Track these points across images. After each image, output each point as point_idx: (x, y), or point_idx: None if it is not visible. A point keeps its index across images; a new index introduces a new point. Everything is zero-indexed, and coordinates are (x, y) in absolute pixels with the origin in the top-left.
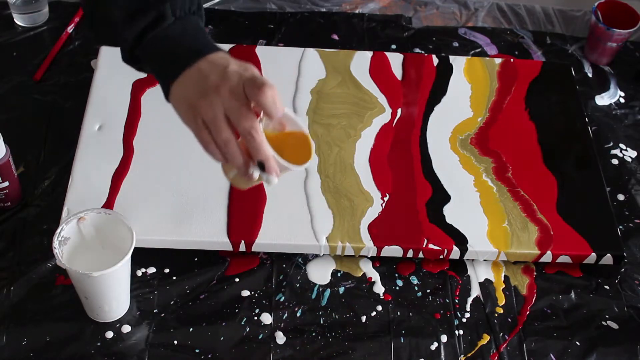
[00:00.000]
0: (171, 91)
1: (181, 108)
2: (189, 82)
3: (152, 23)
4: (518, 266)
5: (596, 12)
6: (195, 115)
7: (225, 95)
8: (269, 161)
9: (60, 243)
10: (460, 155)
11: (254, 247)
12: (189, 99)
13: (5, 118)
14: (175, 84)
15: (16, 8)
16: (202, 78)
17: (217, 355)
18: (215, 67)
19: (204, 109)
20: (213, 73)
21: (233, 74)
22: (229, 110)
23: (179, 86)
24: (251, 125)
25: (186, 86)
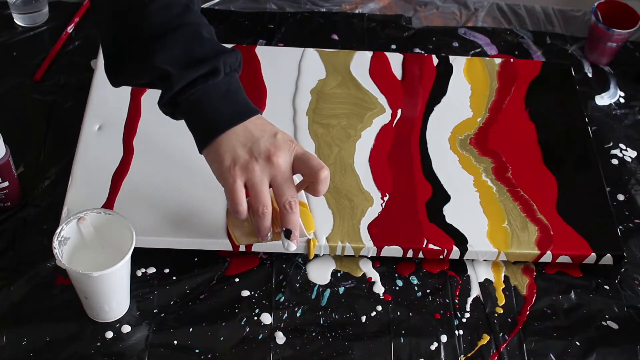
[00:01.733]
0: (214, 143)
1: (224, 162)
2: (236, 139)
3: (204, 75)
4: (518, 266)
5: (596, 12)
6: (240, 174)
7: (275, 165)
8: (296, 231)
9: (60, 243)
10: (460, 155)
11: (254, 247)
12: (237, 157)
13: (5, 118)
14: (221, 139)
15: (16, 8)
16: (252, 139)
17: (217, 355)
18: (264, 131)
19: (252, 172)
20: (263, 138)
21: (283, 144)
22: (275, 180)
23: (225, 141)
24: (292, 197)
25: (233, 143)
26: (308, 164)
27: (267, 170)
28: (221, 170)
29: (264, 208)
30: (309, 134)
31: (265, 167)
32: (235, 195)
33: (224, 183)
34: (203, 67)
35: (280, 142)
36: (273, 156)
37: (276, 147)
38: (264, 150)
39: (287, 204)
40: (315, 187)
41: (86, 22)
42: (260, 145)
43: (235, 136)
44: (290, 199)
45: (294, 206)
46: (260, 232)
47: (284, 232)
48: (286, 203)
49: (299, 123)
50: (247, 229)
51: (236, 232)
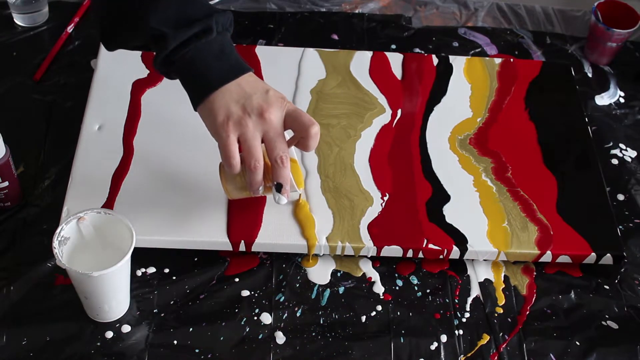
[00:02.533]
0: (208, 100)
1: (217, 118)
2: (229, 96)
3: (197, 34)
4: (518, 266)
5: (596, 12)
6: (234, 130)
7: (267, 120)
8: (287, 185)
9: (60, 243)
10: (460, 155)
11: (253, 247)
12: (231, 113)
13: (5, 118)
14: (215, 95)
15: (16, 8)
16: (245, 96)
17: (217, 355)
18: (257, 88)
19: (245, 127)
20: (256, 94)
21: (275, 100)
22: (267, 135)
23: (219, 97)
24: (284, 152)
25: (226, 99)
26: (299, 120)
27: (260, 125)
28: (215, 126)
29: (257, 162)
30: None
31: (258, 123)
32: (229, 149)
33: (218, 138)
34: (196, 26)
35: (272, 98)
36: (265, 112)
37: (268, 104)
38: (257, 106)
39: (279, 159)
40: (306, 143)
41: (86, 22)
42: (253, 102)
43: (228, 93)
44: (282, 153)
45: (285, 161)
46: (252, 186)
47: (275, 186)
48: (278, 158)
49: None
50: (240, 184)
51: (229, 187)
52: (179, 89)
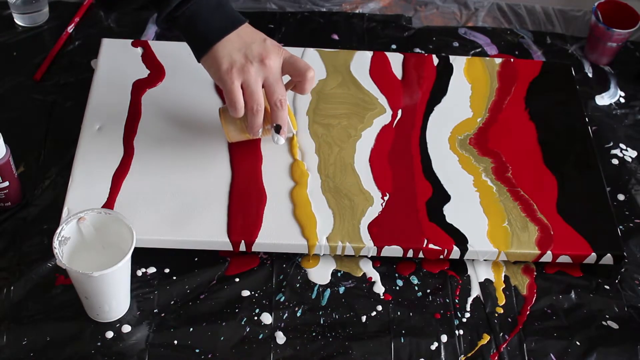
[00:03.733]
0: (211, 51)
1: (222, 66)
2: (231, 45)
3: None
4: (518, 266)
5: (596, 12)
6: (237, 76)
7: (267, 67)
8: (285, 126)
9: (60, 243)
10: (460, 155)
11: (254, 247)
12: (234, 61)
13: (5, 118)
14: (218, 46)
15: (16, 8)
16: (245, 45)
17: (217, 355)
18: (255, 36)
19: (247, 74)
20: (255, 43)
21: (273, 48)
22: (267, 80)
23: (222, 47)
24: (283, 96)
25: (229, 49)
26: (296, 66)
27: (261, 72)
28: (220, 74)
29: (259, 106)
30: (309, 134)
31: (259, 69)
32: (235, 95)
33: (223, 85)
34: None
35: (270, 46)
36: (266, 59)
37: (267, 51)
38: (257, 54)
39: (278, 102)
40: (302, 86)
41: (86, 22)
42: (254, 50)
43: (229, 43)
44: (281, 97)
45: (284, 104)
46: (252, 128)
47: (274, 128)
48: (277, 101)
49: (299, 123)
50: (240, 126)
51: (230, 130)
52: (179, 89)
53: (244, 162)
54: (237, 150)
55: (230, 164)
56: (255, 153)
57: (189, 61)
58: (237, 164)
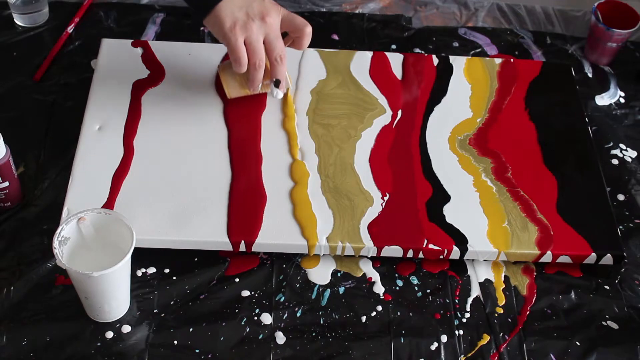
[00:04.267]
0: (214, 10)
1: (225, 24)
2: (232, 4)
3: None
4: (518, 266)
5: (596, 12)
6: (240, 33)
7: (268, 24)
8: (284, 81)
9: (60, 243)
10: (459, 156)
11: (254, 247)
12: (236, 19)
13: (5, 118)
14: (220, 5)
15: (16, 8)
16: (246, 3)
17: (217, 355)
18: None
19: (250, 31)
20: (255, 1)
21: (272, 6)
22: (268, 37)
23: (224, 6)
24: (282, 51)
25: (231, 7)
26: (294, 22)
27: (262, 28)
28: (223, 31)
29: (260, 61)
30: (309, 134)
31: (261, 26)
32: (239, 51)
33: (227, 42)
34: None
35: (270, 5)
36: (266, 16)
37: (267, 9)
38: (258, 12)
39: (278, 57)
40: (301, 41)
41: (86, 22)
42: (254, 8)
43: (231, 2)
44: (281, 52)
45: (284, 59)
46: (253, 82)
47: (274, 82)
48: (277, 56)
49: (299, 123)
50: (238, 82)
51: (230, 86)
52: (179, 89)
53: (244, 162)
54: (238, 150)
55: (230, 164)
56: (256, 153)
57: (189, 61)
58: (237, 164)
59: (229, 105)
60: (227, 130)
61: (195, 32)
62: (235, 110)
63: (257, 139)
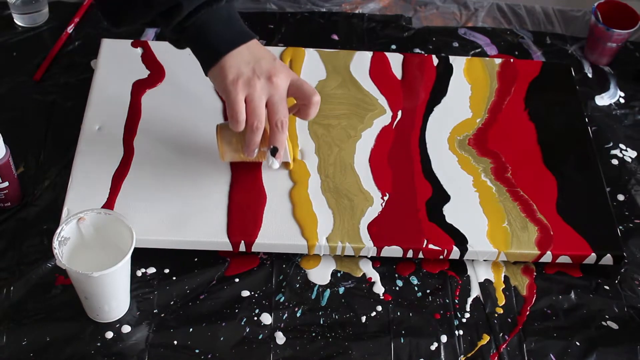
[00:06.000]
0: (219, 63)
1: (228, 77)
2: (240, 58)
3: (208, 2)
4: (518, 266)
5: (596, 13)
6: (242, 89)
7: (274, 85)
8: (282, 150)
9: (60, 243)
10: (459, 156)
11: (254, 247)
12: (241, 73)
13: (5, 118)
14: (227, 58)
15: (16, 8)
16: (255, 59)
17: (217, 355)
18: (265, 53)
19: (253, 88)
20: (264, 59)
21: (282, 68)
22: (272, 99)
23: (230, 59)
24: (285, 117)
25: (238, 61)
26: (302, 89)
27: (267, 88)
28: (225, 84)
29: (259, 123)
30: (309, 134)
31: (265, 86)
32: (237, 106)
33: (227, 95)
34: None
35: (280, 65)
36: (274, 76)
37: (277, 69)
38: (266, 70)
39: (280, 123)
40: (307, 111)
41: (86, 22)
42: (262, 65)
43: (239, 55)
44: (283, 118)
45: (285, 126)
46: (249, 146)
47: (271, 150)
48: (278, 122)
49: (299, 123)
50: (235, 146)
51: (225, 148)
52: (179, 89)
53: (244, 162)
54: None
55: (230, 164)
56: None
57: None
58: (237, 164)
59: None
60: None
61: None
62: None
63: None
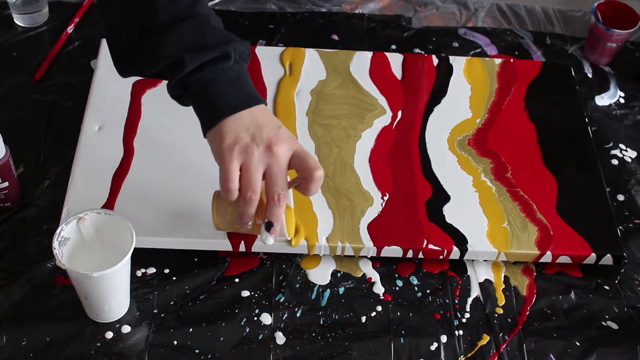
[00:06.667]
0: (219, 125)
1: (224, 141)
2: (241, 122)
3: (215, 59)
4: (518, 266)
5: (596, 13)
6: (238, 156)
7: (274, 154)
8: (278, 225)
9: (60, 243)
10: (459, 156)
11: (254, 248)
12: (239, 139)
13: (5, 118)
14: (227, 121)
15: (16, 8)
16: (256, 125)
17: (217, 355)
18: (269, 121)
19: (250, 156)
20: (268, 127)
21: (285, 137)
22: (271, 169)
23: (230, 122)
24: (283, 190)
25: (237, 125)
26: (305, 162)
27: (265, 158)
28: (220, 149)
29: (253, 194)
30: (309, 134)
31: (264, 155)
32: (230, 173)
33: (221, 161)
34: (214, 51)
35: (283, 135)
36: (274, 145)
37: (278, 138)
38: (267, 138)
39: (277, 195)
40: (308, 186)
41: (86, 22)
42: (264, 133)
43: (240, 120)
44: (281, 191)
45: (282, 199)
46: (242, 218)
47: (265, 224)
48: (275, 194)
49: (299, 123)
50: (229, 216)
51: (218, 218)
52: None
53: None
54: None
55: None
56: None
57: None
58: None
59: None
60: None
61: None
62: None
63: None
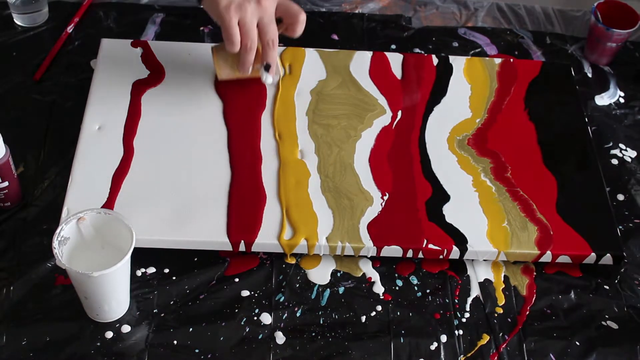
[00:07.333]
0: None
1: (220, 4)
2: None
3: None
4: (518, 266)
5: (596, 13)
6: (235, 13)
7: (263, 7)
8: (274, 66)
9: (60, 243)
10: (459, 156)
11: (253, 247)
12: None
13: (5, 118)
14: None
15: (16, 8)
16: None
17: (217, 355)
18: None
19: (245, 12)
20: None
21: None
22: (262, 20)
23: None
24: (275, 35)
25: None
26: (289, 9)
27: (257, 11)
28: (219, 10)
29: (252, 43)
30: (309, 134)
31: (256, 9)
32: (232, 30)
33: (222, 21)
34: None
35: None
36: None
37: None
38: None
39: (270, 41)
40: (294, 28)
41: (86, 22)
42: None
43: None
44: (273, 36)
45: (275, 43)
46: (244, 64)
47: (264, 66)
48: (269, 40)
49: (299, 123)
50: (231, 65)
51: (221, 67)
52: (179, 89)
53: (244, 162)
54: (237, 150)
55: (230, 164)
56: (255, 153)
57: (189, 61)
58: (237, 163)
59: (229, 105)
60: (226, 130)
61: (195, 32)
62: (235, 110)
63: (257, 139)
